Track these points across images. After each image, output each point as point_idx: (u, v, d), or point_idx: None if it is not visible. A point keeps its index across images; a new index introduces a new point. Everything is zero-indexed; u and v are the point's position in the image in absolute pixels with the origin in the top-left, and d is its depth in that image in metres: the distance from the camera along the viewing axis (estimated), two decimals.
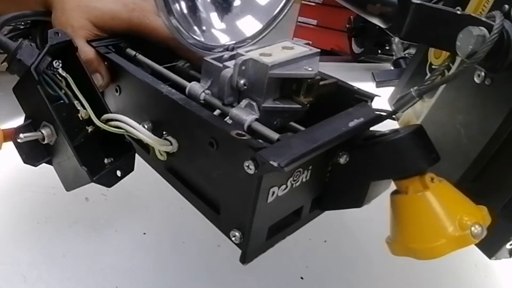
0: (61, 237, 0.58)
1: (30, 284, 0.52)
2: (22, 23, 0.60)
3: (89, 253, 0.57)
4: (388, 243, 0.39)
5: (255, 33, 0.49)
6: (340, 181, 0.40)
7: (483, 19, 0.37)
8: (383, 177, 0.39)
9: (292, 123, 0.42)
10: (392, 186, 0.39)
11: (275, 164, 0.30)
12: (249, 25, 0.49)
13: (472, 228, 0.34)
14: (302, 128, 0.41)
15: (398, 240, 0.38)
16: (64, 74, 0.42)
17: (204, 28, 0.48)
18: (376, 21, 0.39)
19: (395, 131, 0.37)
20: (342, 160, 0.38)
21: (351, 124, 0.37)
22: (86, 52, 0.47)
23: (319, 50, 0.41)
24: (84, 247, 0.58)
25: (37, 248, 0.56)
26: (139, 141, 0.42)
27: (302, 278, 0.58)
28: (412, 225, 0.37)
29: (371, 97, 0.42)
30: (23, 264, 0.54)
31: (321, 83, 0.39)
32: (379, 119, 0.39)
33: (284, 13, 0.49)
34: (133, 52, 0.50)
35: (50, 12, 0.50)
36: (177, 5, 0.44)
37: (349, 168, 0.38)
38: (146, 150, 0.45)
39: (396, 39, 1.19)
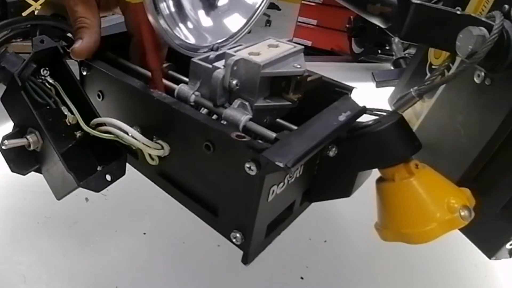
0: (61, 237, 0.58)
1: (30, 284, 0.52)
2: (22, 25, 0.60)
3: (89, 253, 0.57)
4: (377, 229, 0.40)
5: (236, 31, 0.48)
6: (328, 173, 0.41)
7: (483, 19, 0.37)
8: (371, 167, 0.40)
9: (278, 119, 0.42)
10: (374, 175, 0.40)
11: (281, 164, 0.30)
12: (232, 23, 0.48)
13: (460, 211, 0.35)
14: (288, 124, 0.41)
15: (388, 226, 0.39)
16: (52, 81, 0.42)
17: (189, 26, 0.46)
18: (376, 21, 0.39)
19: (378, 121, 0.38)
20: (332, 153, 0.39)
21: (341, 118, 0.37)
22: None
23: (303, 46, 0.41)
24: (84, 247, 0.58)
25: (37, 248, 0.56)
26: (126, 146, 0.40)
27: (302, 278, 0.57)
28: (402, 211, 0.38)
29: (350, 89, 0.43)
30: (23, 264, 0.54)
31: (308, 79, 0.40)
32: (364, 111, 0.40)
33: (261, 9, 0.48)
34: (113, 56, 0.48)
35: (44, 16, 0.49)
36: (164, 4, 0.43)
37: (336, 160, 0.39)
38: (134, 156, 0.44)
39: (396, 39, 1.19)
